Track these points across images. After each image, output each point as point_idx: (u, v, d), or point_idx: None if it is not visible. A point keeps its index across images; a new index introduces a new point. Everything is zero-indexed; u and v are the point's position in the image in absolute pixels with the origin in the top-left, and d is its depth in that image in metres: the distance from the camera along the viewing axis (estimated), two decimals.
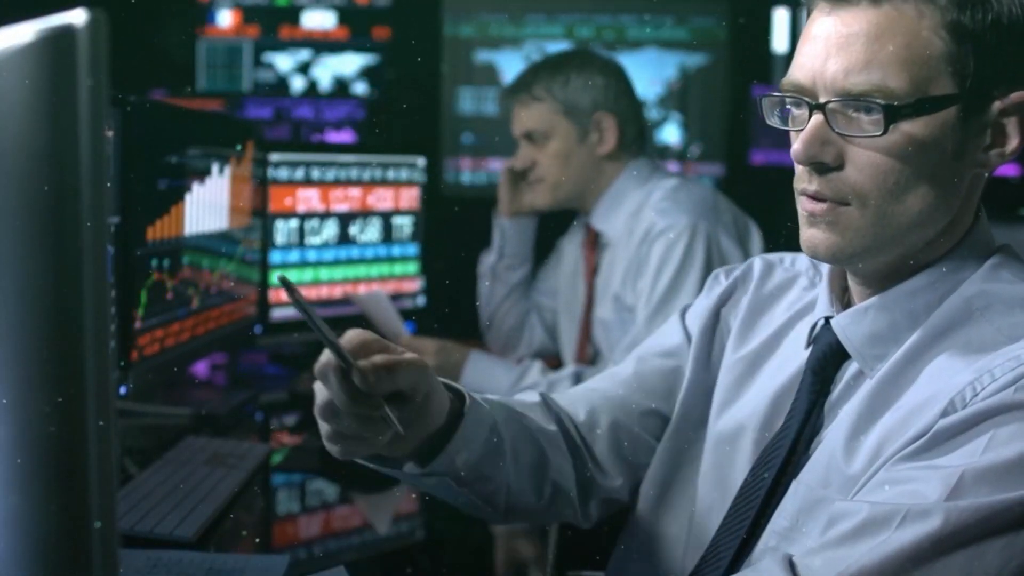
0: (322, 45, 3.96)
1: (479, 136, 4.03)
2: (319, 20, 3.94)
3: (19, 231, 0.61)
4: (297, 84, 3.97)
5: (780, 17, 3.89)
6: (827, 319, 1.05)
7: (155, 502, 1.42)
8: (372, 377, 0.92)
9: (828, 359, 1.04)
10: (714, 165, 4.02)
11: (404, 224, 2.63)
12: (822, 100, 0.95)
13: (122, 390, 1.67)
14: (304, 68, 3.98)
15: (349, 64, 3.97)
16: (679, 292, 2.03)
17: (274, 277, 2.39)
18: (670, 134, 4.03)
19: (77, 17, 0.56)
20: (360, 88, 3.96)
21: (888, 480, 0.90)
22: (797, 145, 0.96)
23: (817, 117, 0.95)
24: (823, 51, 0.95)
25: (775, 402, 1.10)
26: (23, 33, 0.59)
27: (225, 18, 3.94)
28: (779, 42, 3.90)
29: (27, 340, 0.62)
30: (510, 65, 3.95)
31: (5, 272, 0.62)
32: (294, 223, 2.40)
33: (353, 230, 2.51)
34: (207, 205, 1.98)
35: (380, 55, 3.95)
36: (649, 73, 3.92)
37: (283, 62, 3.97)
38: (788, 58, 1.02)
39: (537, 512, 1.21)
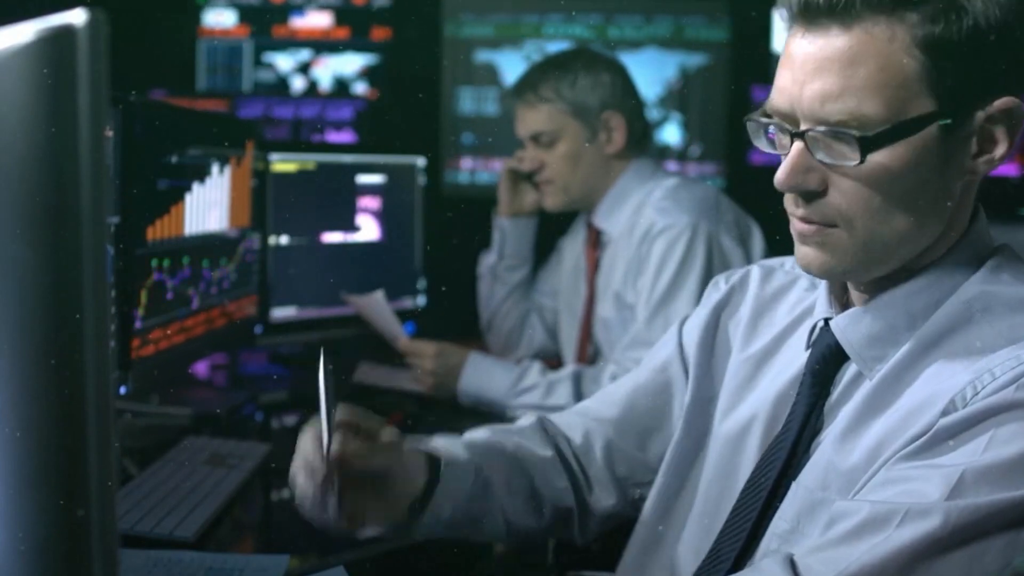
0: (322, 45, 3.96)
1: (479, 136, 4.03)
2: (317, 20, 3.94)
3: (19, 231, 0.61)
4: (297, 84, 3.97)
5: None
6: (826, 320, 1.05)
7: (155, 502, 1.42)
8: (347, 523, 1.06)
9: (827, 360, 1.04)
10: (714, 165, 4.02)
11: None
12: (802, 127, 0.95)
13: (122, 390, 1.67)
14: (304, 68, 3.98)
15: (349, 64, 3.97)
16: (679, 291, 2.03)
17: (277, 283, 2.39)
18: (670, 134, 4.04)
19: (77, 17, 0.56)
20: (360, 88, 3.96)
21: (889, 480, 0.90)
22: (780, 174, 0.96)
23: (798, 145, 0.95)
24: (800, 76, 0.94)
25: (777, 403, 1.10)
26: (23, 33, 0.59)
27: (225, 18, 3.94)
28: (779, 42, 3.89)
29: (27, 340, 0.62)
30: (510, 65, 3.96)
31: (5, 272, 0.62)
32: None
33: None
34: (207, 205, 1.98)
35: (380, 55, 3.95)
36: (649, 73, 3.92)
37: (283, 62, 3.97)
38: None
39: (540, 533, 1.25)
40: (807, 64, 0.93)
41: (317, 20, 3.95)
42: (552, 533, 1.27)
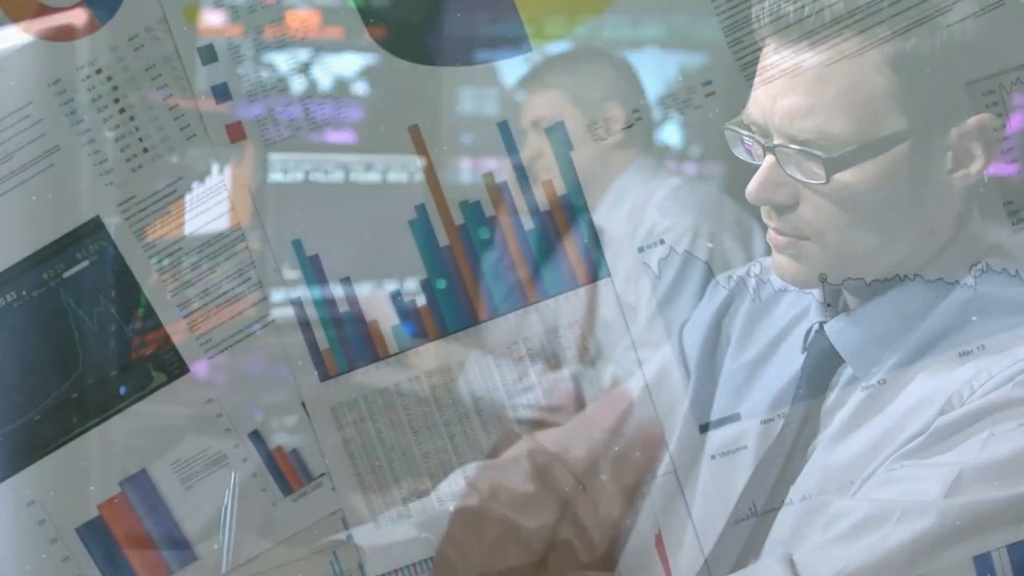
0: (322, 45, 3.97)
1: (479, 136, 4.03)
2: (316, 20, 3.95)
3: (19, 231, 0.61)
4: (297, 84, 3.98)
5: None
6: (821, 324, 1.05)
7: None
8: None
9: (823, 364, 1.04)
10: (715, 165, 4.02)
11: None
12: (775, 141, 0.95)
13: (122, 390, 1.66)
14: (304, 68, 3.99)
15: (349, 64, 3.98)
16: (681, 293, 2.03)
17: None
18: (670, 134, 4.04)
19: (77, 17, 0.56)
20: (360, 88, 3.97)
21: (887, 479, 0.90)
22: (751, 187, 0.97)
23: (769, 158, 0.96)
24: (772, 89, 0.95)
25: (774, 407, 1.10)
26: (23, 33, 0.59)
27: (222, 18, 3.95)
28: None
29: (27, 340, 0.62)
30: (510, 65, 3.96)
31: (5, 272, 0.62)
32: None
33: None
34: (207, 205, 1.98)
35: (380, 55, 3.95)
36: (649, 73, 3.92)
37: (283, 62, 3.97)
38: None
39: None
40: (779, 78, 0.94)
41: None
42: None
